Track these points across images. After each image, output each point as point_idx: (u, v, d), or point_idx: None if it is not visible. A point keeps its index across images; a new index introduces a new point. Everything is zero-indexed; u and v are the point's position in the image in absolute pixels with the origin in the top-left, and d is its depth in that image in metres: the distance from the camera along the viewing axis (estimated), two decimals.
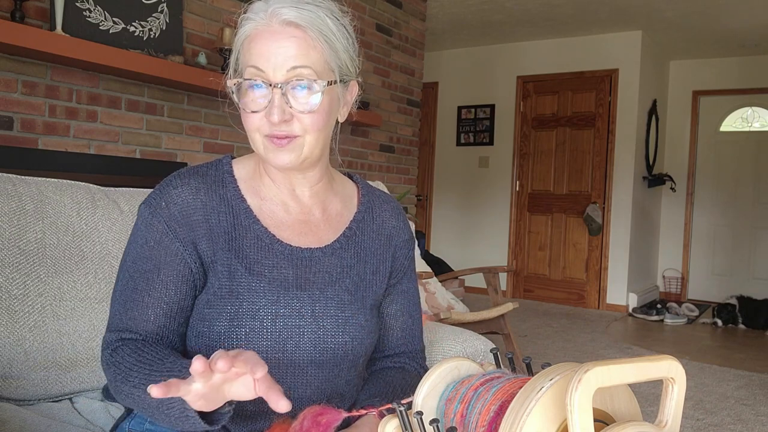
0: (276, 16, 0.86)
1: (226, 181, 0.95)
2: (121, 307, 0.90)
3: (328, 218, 1.00)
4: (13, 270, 1.15)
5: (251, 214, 0.94)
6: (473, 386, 0.66)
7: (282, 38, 0.86)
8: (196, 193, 0.92)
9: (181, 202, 0.91)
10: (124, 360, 0.85)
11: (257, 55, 0.87)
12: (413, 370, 1.07)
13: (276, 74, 0.86)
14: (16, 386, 1.13)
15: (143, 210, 0.93)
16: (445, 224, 6.66)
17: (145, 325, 0.89)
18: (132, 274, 0.91)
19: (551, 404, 0.57)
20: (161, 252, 0.90)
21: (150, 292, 0.90)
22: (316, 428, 0.75)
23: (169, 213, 0.90)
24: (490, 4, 5.02)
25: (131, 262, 0.92)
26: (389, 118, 4.36)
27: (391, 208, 1.09)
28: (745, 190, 6.29)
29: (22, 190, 1.21)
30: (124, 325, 0.89)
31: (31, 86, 2.30)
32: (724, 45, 5.80)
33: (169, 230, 0.90)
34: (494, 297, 3.41)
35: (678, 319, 5.34)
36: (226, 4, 3.05)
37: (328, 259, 0.97)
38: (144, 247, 0.91)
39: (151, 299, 0.90)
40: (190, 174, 0.95)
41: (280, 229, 0.95)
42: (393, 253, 1.05)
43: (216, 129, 3.04)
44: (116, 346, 0.88)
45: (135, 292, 0.90)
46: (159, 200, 0.92)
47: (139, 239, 0.92)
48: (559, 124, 6.06)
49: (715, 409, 3.04)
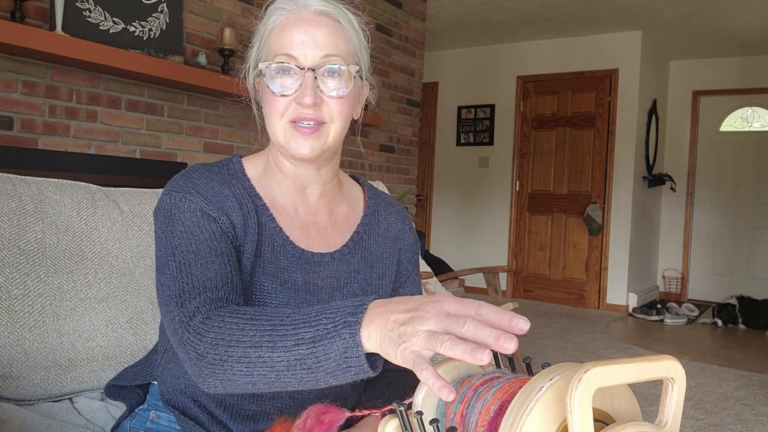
0: (307, 7, 0.89)
1: (241, 179, 0.94)
2: (188, 278, 0.82)
3: (335, 221, 1.00)
4: (13, 270, 1.15)
5: (268, 212, 0.93)
6: (473, 386, 0.66)
7: (315, 25, 0.88)
8: (222, 185, 0.90)
9: (210, 189, 0.88)
10: (226, 321, 0.74)
11: (289, 43, 0.88)
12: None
13: (308, 60, 0.87)
14: (16, 386, 1.13)
15: (169, 198, 0.88)
16: (445, 224, 6.66)
17: (225, 284, 0.82)
18: (187, 246, 0.84)
19: (551, 404, 0.57)
20: (209, 224, 0.86)
21: (217, 254, 0.84)
22: (319, 427, 0.75)
23: (203, 196, 0.87)
24: (490, 4, 5.02)
25: (179, 239, 0.84)
26: (389, 118, 4.36)
27: (397, 212, 1.09)
28: (745, 190, 6.29)
29: (22, 190, 1.21)
30: (202, 287, 0.81)
31: (31, 86, 2.30)
32: (724, 45, 5.80)
33: (209, 207, 0.87)
34: (494, 297, 3.41)
35: (678, 319, 5.34)
36: (226, 4, 3.05)
37: (336, 264, 0.96)
38: (188, 224, 0.85)
39: (221, 261, 0.84)
40: (205, 169, 0.92)
41: (291, 230, 0.95)
42: (398, 257, 1.05)
43: (216, 129, 3.04)
44: (207, 310, 0.78)
45: (199, 258, 0.83)
46: (187, 186, 0.88)
47: (179, 220, 0.86)
48: (559, 124, 6.06)
49: (715, 409, 3.04)
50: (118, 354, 1.25)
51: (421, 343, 0.59)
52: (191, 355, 0.75)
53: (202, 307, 0.78)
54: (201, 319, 0.76)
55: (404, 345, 0.60)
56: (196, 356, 0.75)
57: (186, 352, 0.76)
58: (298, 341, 0.68)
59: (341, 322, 0.66)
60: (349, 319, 0.66)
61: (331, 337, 0.66)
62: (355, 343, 0.64)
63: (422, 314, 0.60)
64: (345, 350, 0.65)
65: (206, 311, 0.77)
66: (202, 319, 0.76)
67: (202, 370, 0.74)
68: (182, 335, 0.77)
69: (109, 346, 1.24)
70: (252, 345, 0.70)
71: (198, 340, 0.75)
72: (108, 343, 1.24)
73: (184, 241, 0.84)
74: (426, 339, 0.59)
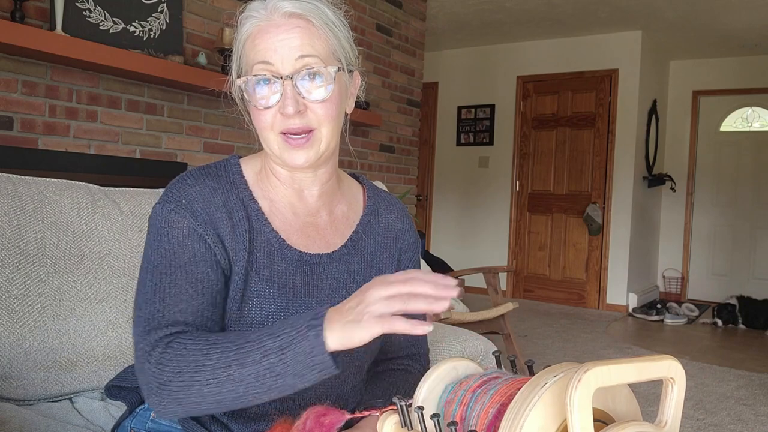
0: (277, 10, 0.86)
1: (237, 182, 0.93)
2: (160, 304, 0.83)
3: (334, 221, 0.99)
4: (13, 270, 1.15)
5: (263, 217, 0.92)
6: (471, 388, 0.66)
7: (286, 29, 0.86)
8: (214, 192, 0.90)
9: (202, 199, 0.88)
10: (189, 349, 0.77)
11: (263, 50, 0.86)
12: (416, 372, 1.06)
13: (285, 66, 0.85)
14: (16, 386, 1.13)
15: (161, 209, 0.88)
16: (445, 224, 6.66)
17: (194, 317, 0.84)
18: (165, 270, 0.85)
19: (553, 402, 0.57)
20: (193, 244, 0.86)
21: (192, 282, 0.85)
22: (319, 428, 0.75)
23: (192, 209, 0.87)
24: (490, 4, 5.02)
25: (161, 258, 0.85)
26: (389, 118, 4.36)
27: (397, 210, 1.07)
28: (745, 190, 6.29)
29: (22, 190, 1.21)
30: (170, 319, 0.82)
31: (31, 86, 2.30)
32: (724, 45, 5.80)
33: (197, 224, 0.87)
34: (494, 297, 3.41)
35: (678, 319, 5.34)
36: (226, 4, 3.05)
37: (335, 265, 0.96)
38: (173, 242, 0.86)
39: (195, 291, 0.84)
40: (202, 174, 0.92)
41: (289, 233, 0.94)
42: (398, 257, 1.04)
43: (216, 129, 3.04)
44: (168, 341, 0.80)
45: (174, 285, 0.84)
46: (179, 198, 0.88)
47: (165, 237, 0.87)
48: (559, 124, 6.06)
49: (715, 409, 3.04)
50: (118, 354, 1.25)
51: (378, 308, 0.70)
52: (152, 384, 0.78)
53: (166, 338, 0.80)
54: (161, 350, 0.79)
55: (366, 315, 0.70)
56: (157, 386, 0.77)
57: (146, 382, 0.79)
58: (266, 352, 0.74)
59: (305, 326, 0.73)
60: (312, 323, 0.73)
61: (298, 341, 0.72)
62: (319, 342, 0.71)
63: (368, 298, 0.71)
64: (311, 349, 0.72)
65: (171, 340, 0.79)
66: (162, 350, 0.79)
67: (162, 398, 0.77)
68: (143, 364, 0.79)
69: (109, 346, 1.24)
70: (220, 366, 0.75)
71: (159, 371, 0.77)
72: (108, 343, 1.24)
73: (165, 262, 0.85)
74: (382, 304, 0.70)
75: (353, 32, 0.96)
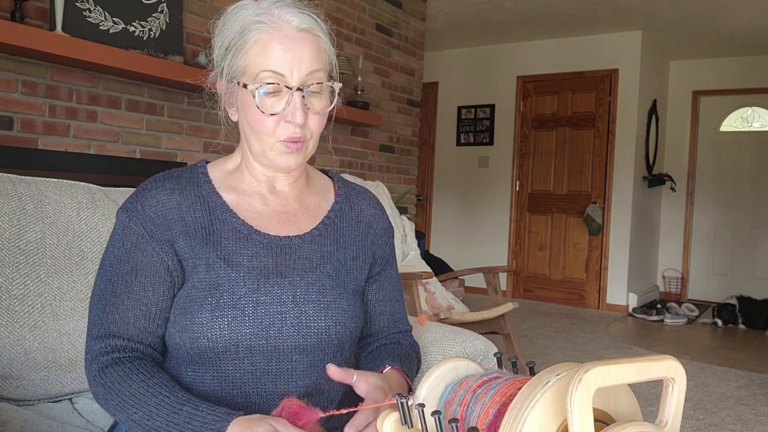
0: (288, 23, 0.91)
1: (201, 181, 0.99)
2: (100, 312, 0.92)
3: (306, 208, 1.04)
4: (13, 270, 1.15)
5: (227, 209, 0.97)
6: (471, 388, 0.66)
7: (298, 43, 0.91)
8: (171, 194, 0.96)
9: (156, 203, 0.94)
10: (115, 386, 0.87)
11: (275, 59, 0.90)
12: (407, 344, 1.12)
13: (294, 78, 0.90)
14: (16, 386, 1.13)
15: (120, 214, 0.95)
16: (445, 224, 6.66)
17: (126, 328, 0.91)
18: (110, 277, 0.93)
19: (552, 403, 0.57)
20: (138, 254, 0.92)
21: (129, 294, 0.91)
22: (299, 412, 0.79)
23: (145, 215, 0.93)
24: (490, 4, 5.02)
25: (109, 266, 0.94)
26: (389, 118, 4.36)
27: (368, 198, 1.12)
28: (745, 190, 6.29)
29: (22, 190, 1.21)
30: (106, 330, 0.91)
31: (31, 86, 2.30)
32: (724, 45, 5.80)
33: (146, 232, 0.93)
34: (494, 297, 3.41)
35: (678, 319, 5.34)
36: (226, 4, 3.05)
37: (307, 246, 0.99)
38: (121, 250, 0.93)
39: (131, 301, 0.91)
40: (164, 177, 0.99)
41: (259, 220, 0.98)
42: (372, 241, 1.08)
43: (216, 129, 3.03)
44: (105, 363, 0.89)
45: (114, 295, 0.92)
46: (135, 204, 0.95)
47: (117, 243, 0.94)
48: (559, 124, 6.06)
49: (715, 409, 3.04)
50: None
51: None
52: (89, 382, 0.91)
53: (104, 355, 0.90)
54: (98, 369, 0.89)
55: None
56: (92, 392, 0.91)
57: (87, 376, 0.92)
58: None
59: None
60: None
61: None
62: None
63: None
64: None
65: (105, 361, 0.89)
66: (99, 369, 0.89)
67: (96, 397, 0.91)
68: (87, 367, 0.91)
69: None
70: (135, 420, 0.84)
71: (94, 383, 0.89)
72: None
73: (111, 269, 0.93)
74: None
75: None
